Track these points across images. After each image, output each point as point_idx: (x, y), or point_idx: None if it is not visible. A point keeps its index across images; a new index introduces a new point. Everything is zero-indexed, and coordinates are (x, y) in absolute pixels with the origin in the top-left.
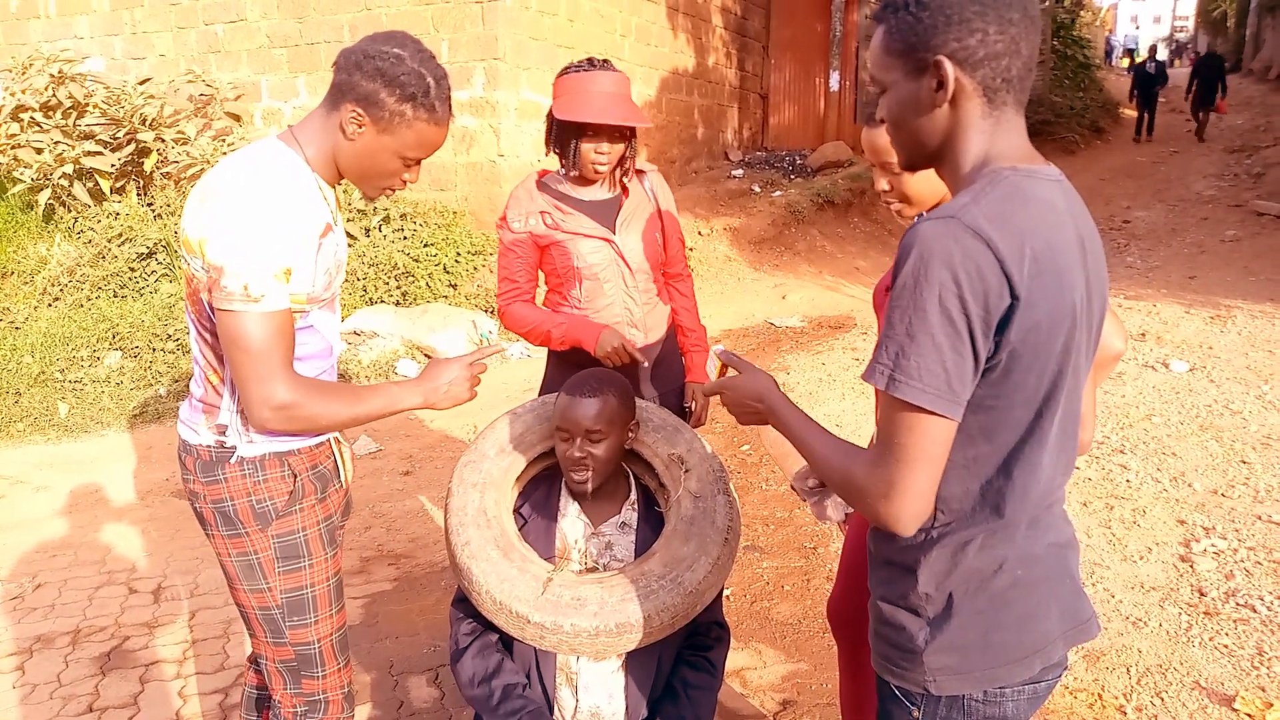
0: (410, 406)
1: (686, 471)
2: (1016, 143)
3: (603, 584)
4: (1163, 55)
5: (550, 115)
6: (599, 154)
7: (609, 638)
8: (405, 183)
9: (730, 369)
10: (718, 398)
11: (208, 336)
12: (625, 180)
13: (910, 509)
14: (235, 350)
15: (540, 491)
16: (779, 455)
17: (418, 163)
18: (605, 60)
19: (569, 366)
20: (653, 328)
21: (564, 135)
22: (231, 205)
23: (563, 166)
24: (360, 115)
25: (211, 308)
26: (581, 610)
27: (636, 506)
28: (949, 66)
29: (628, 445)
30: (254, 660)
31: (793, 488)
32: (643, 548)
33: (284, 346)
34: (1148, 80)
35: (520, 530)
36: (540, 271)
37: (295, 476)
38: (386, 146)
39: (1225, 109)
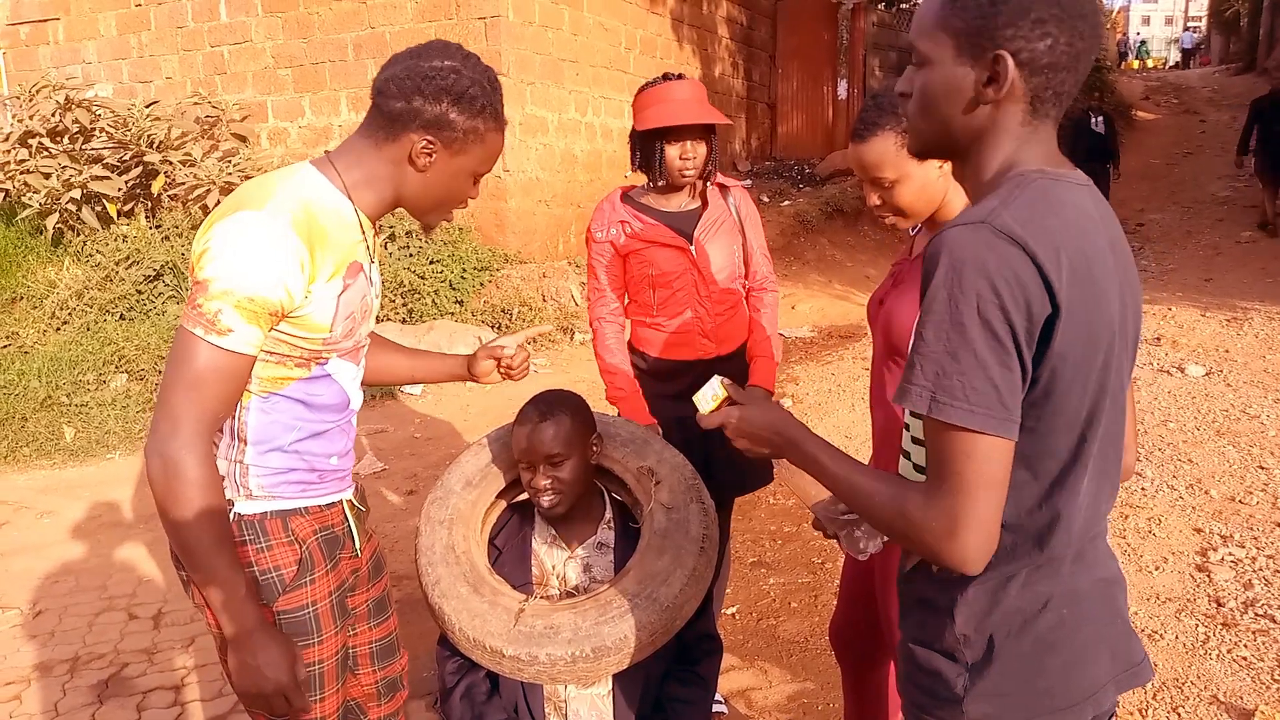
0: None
1: (657, 483)
2: (1044, 151)
3: (576, 609)
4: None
5: (632, 134)
6: (685, 157)
7: (587, 663)
8: (468, 202)
9: (732, 400)
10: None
11: None
12: (707, 187)
13: (976, 543)
14: (172, 372)
15: (514, 521)
16: (793, 485)
17: (480, 177)
18: (680, 74)
19: (654, 381)
20: (725, 339)
21: (648, 144)
22: (239, 224)
23: (649, 180)
24: (432, 143)
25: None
26: (555, 639)
27: (613, 525)
28: (1011, 64)
29: (594, 461)
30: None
31: (817, 522)
32: (622, 566)
33: (221, 396)
34: (1089, 144)
35: (494, 561)
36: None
37: (300, 544)
38: (462, 168)
39: None
